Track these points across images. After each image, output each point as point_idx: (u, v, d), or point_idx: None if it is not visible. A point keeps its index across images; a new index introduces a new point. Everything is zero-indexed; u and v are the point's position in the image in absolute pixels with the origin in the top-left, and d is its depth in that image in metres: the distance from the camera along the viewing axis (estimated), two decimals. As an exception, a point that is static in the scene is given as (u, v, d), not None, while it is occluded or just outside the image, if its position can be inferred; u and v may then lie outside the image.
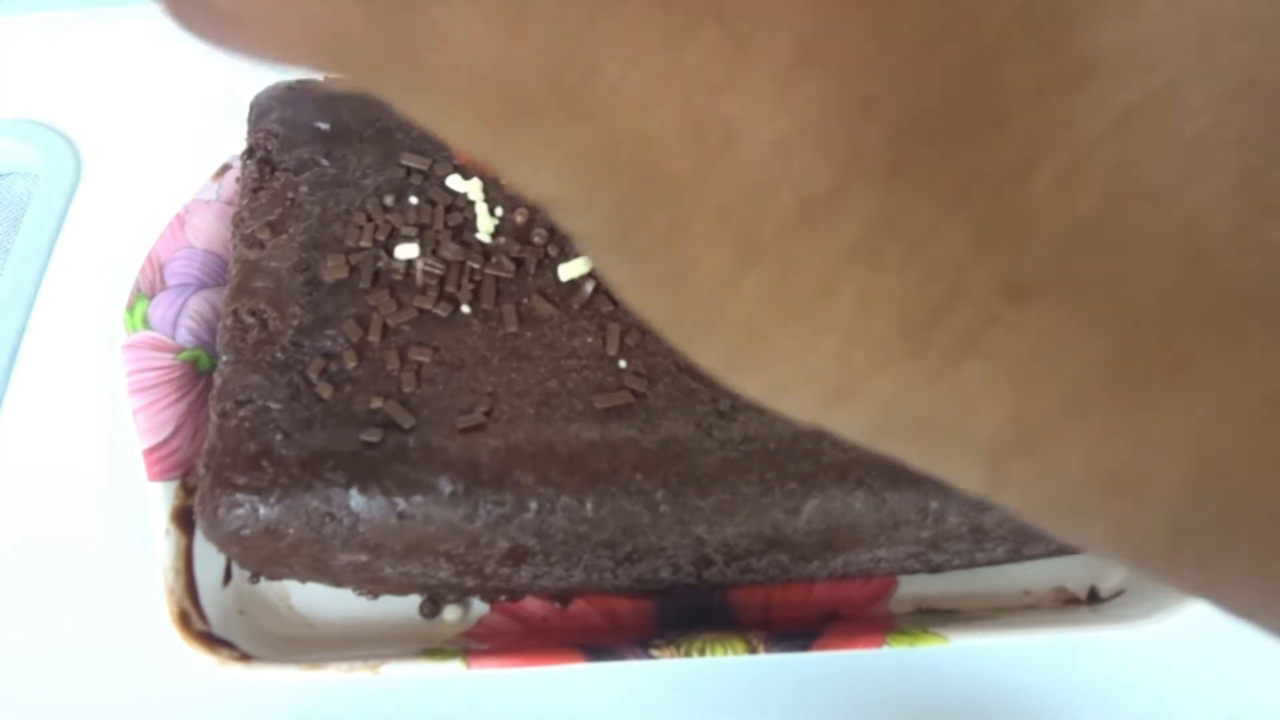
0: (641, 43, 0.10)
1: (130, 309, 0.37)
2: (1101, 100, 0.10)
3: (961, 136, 0.10)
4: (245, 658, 0.32)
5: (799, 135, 0.10)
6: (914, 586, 0.36)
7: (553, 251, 0.35)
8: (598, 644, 0.32)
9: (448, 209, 0.35)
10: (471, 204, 0.36)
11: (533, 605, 0.35)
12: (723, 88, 0.10)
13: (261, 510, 0.30)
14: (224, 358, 0.33)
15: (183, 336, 0.37)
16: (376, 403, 0.31)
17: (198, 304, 0.38)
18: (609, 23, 0.10)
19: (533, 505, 0.30)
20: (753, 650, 0.32)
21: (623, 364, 0.32)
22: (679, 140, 0.10)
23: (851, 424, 0.12)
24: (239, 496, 0.30)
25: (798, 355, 0.11)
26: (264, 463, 0.31)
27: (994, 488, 0.12)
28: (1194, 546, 0.11)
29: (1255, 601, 0.11)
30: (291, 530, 0.30)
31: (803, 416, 0.12)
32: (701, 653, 0.32)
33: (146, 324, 0.37)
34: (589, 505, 0.30)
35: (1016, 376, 0.10)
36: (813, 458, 0.31)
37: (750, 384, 0.12)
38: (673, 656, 0.32)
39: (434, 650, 0.33)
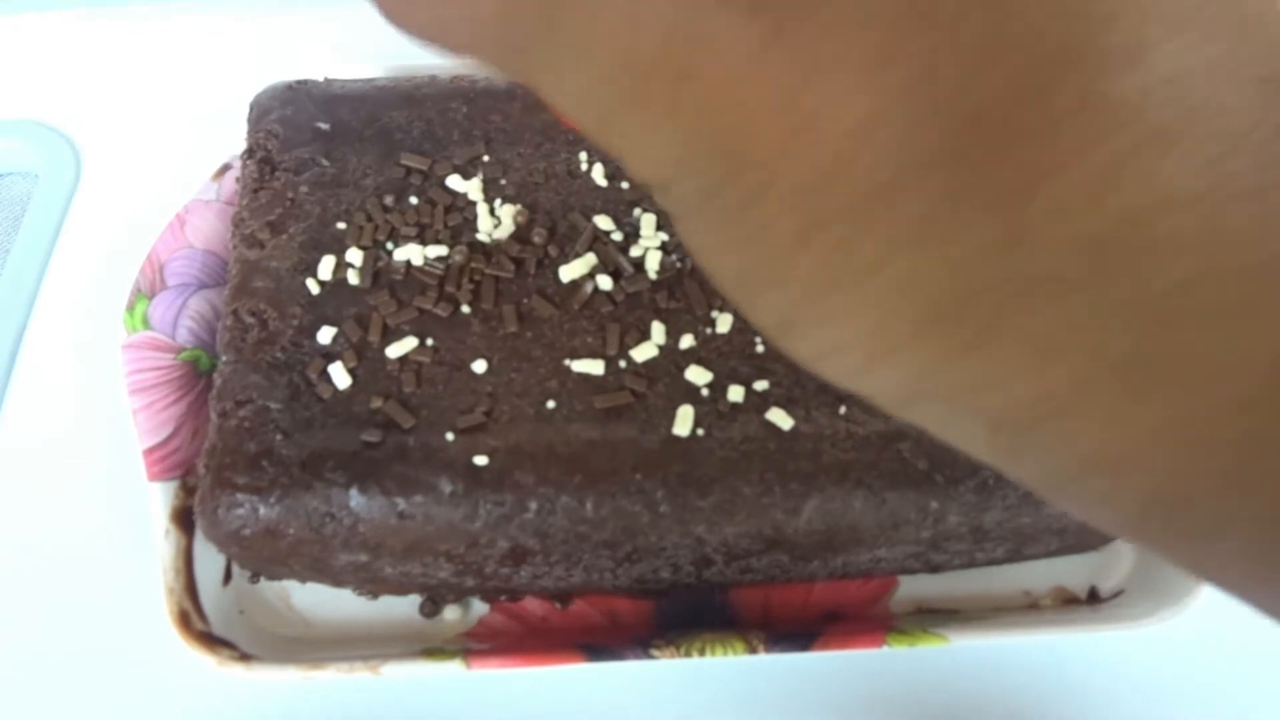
0: (747, 28, 0.11)
1: (130, 309, 0.37)
2: (1135, 120, 0.11)
3: (1018, 135, 0.11)
4: (245, 658, 0.32)
5: (876, 120, 0.11)
6: (914, 586, 0.36)
7: (553, 251, 0.35)
8: (598, 644, 0.32)
9: (448, 209, 0.35)
10: (472, 204, 0.36)
11: (533, 605, 0.35)
12: (814, 74, 0.11)
13: (261, 510, 0.30)
14: (224, 358, 0.33)
15: (183, 336, 0.37)
16: (376, 403, 0.31)
17: (198, 304, 0.38)
18: (719, 13, 0.11)
19: (533, 505, 0.30)
20: (753, 650, 0.32)
21: (623, 364, 0.32)
22: (770, 113, 0.11)
23: (883, 390, 0.13)
24: (239, 496, 0.30)
25: (842, 323, 0.12)
26: (264, 463, 0.31)
27: (997, 456, 0.13)
28: (1172, 524, 0.12)
29: (1246, 573, 0.12)
30: (291, 530, 0.30)
31: (842, 380, 0.13)
32: (701, 653, 0.32)
33: (146, 324, 0.37)
34: (589, 505, 0.30)
35: (1032, 360, 0.12)
36: (813, 458, 0.31)
37: (798, 346, 0.13)
38: (673, 656, 0.32)
39: (434, 650, 0.33)
